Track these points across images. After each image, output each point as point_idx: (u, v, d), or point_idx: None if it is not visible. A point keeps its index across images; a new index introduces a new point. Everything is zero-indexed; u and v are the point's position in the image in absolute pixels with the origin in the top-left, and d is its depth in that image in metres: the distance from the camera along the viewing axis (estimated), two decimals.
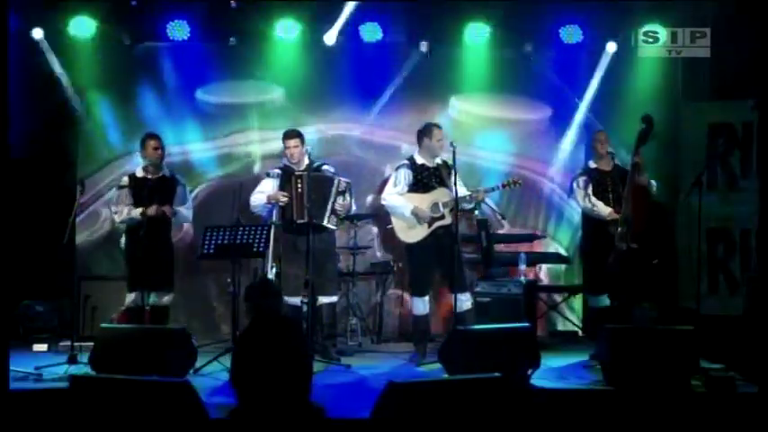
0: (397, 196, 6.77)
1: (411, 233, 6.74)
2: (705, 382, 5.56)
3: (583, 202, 6.84)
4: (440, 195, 6.68)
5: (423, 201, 6.72)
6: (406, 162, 6.87)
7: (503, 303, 7.23)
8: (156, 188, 6.79)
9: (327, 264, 6.86)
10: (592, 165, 6.94)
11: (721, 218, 7.75)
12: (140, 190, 6.75)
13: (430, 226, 6.66)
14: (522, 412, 4.04)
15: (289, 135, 6.89)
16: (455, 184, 6.52)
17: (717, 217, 7.64)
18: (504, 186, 6.79)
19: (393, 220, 6.86)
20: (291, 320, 4.73)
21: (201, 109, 8.22)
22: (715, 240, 7.82)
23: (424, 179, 6.75)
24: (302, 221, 6.57)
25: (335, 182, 6.75)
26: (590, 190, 6.80)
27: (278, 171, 6.89)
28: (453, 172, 6.57)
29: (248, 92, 8.24)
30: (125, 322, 6.73)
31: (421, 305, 6.79)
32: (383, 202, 6.91)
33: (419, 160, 6.81)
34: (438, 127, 6.88)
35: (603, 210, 6.71)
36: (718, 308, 7.50)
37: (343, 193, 6.75)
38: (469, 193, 6.78)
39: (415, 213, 6.68)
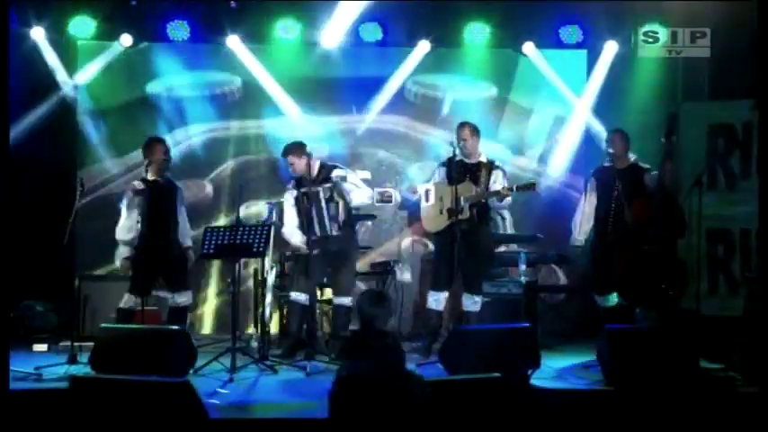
0: (427, 185, 6.98)
1: (433, 222, 6.88)
2: (705, 383, 5.55)
3: (589, 201, 6.83)
4: (464, 190, 6.68)
5: (447, 192, 6.75)
6: (444, 160, 6.97)
7: (503, 303, 7.24)
8: (163, 192, 6.75)
9: (343, 265, 6.89)
10: (606, 164, 6.84)
11: (721, 218, 7.75)
12: (149, 194, 6.65)
13: (449, 218, 6.68)
14: (522, 412, 4.04)
15: (286, 152, 6.85)
16: (486, 182, 6.69)
17: (717, 217, 7.63)
18: (518, 189, 6.71)
19: (422, 208, 6.99)
20: (388, 335, 4.93)
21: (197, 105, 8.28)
22: (715, 240, 7.81)
23: (457, 174, 6.73)
24: (314, 238, 6.63)
25: (319, 193, 6.72)
26: (595, 189, 6.78)
27: (293, 182, 6.90)
28: (492, 170, 6.75)
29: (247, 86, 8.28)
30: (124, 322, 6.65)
31: (433, 300, 6.83)
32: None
33: (457, 156, 6.81)
34: (463, 126, 6.88)
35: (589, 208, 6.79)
36: (718, 308, 7.50)
37: (330, 199, 6.75)
38: (494, 190, 6.75)
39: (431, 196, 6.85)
